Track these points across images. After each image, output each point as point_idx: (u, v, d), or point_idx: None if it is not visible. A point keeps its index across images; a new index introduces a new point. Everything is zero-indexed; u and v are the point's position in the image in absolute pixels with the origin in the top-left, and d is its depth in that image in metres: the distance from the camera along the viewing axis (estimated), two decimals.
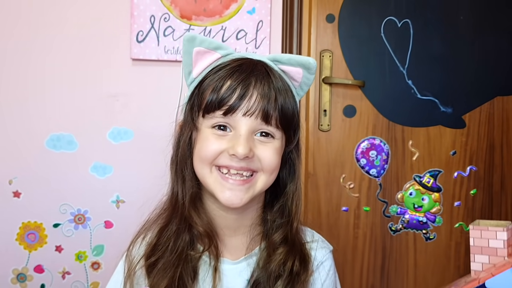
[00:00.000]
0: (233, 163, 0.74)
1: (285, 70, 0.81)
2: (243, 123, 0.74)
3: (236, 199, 0.75)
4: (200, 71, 0.80)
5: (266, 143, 0.76)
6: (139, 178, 1.60)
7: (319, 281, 0.85)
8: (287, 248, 0.81)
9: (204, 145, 0.76)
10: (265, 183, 0.78)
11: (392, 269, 1.67)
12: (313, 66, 0.80)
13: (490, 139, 1.67)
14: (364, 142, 1.65)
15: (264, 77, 0.75)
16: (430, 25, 1.65)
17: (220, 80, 0.75)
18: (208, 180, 0.77)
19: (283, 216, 0.83)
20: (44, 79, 1.56)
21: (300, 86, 0.83)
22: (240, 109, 0.73)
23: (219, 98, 0.73)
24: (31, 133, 1.56)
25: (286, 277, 0.79)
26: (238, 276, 0.82)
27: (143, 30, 1.55)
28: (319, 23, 1.63)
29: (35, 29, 1.56)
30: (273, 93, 0.74)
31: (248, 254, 0.83)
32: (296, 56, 0.80)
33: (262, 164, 0.76)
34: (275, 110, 0.74)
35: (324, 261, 0.87)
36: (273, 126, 0.75)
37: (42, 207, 1.57)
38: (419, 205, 1.65)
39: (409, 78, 1.64)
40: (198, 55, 0.79)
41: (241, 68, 0.76)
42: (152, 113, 1.59)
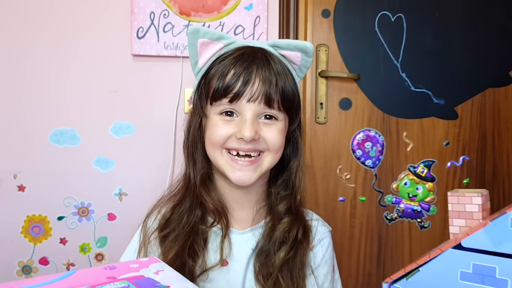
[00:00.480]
0: (241, 146, 0.80)
1: (284, 55, 0.86)
2: (248, 108, 0.79)
3: (245, 178, 0.82)
4: (205, 60, 0.85)
5: (270, 125, 0.82)
6: (141, 171, 1.64)
7: (319, 255, 0.91)
8: (291, 218, 0.87)
9: (214, 131, 0.82)
10: (271, 162, 0.84)
11: (388, 257, 1.71)
12: (310, 50, 0.85)
13: (482, 129, 1.72)
14: (360, 134, 1.69)
15: (265, 64, 0.81)
16: (423, 19, 1.69)
17: (224, 70, 0.81)
18: (219, 162, 0.83)
19: (287, 189, 0.89)
20: (48, 75, 1.60)
21: (299, 68, 0.88)
22: (244, 96, 0.79)
23: (224, 86, 0.79)
24: (35, 128, 1.60)
25: (290, 244, 0.85)
26: (245, 244, 0.88)
27: (143, 27, 1.59)
28: (315, 18, 1.67)
29: (38, 27, 1.59)
30: (274, 77, 0.80)
31: (254, 225, 0.89)
32: (294, 41, 0.85)
33: (268, 144, 0.82)
34: (276, 94, 0.80)
35: (324, 238, 0.93)
36: (275, 109, 0.81)
37: (47, 200, 1.61)
38: (414, 195, 1.70)
39: (403, 71, 1.69)
40: (202, 46, 0.84)
41: (243, 57, 0.81)
42: (153, 107, 1.63)
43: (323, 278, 0.90)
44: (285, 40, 0.86)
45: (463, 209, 0.47)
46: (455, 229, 0.48)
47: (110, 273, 0.49)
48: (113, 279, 0.47)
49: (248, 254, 0.87)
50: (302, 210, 0.91)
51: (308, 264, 0.88)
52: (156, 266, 0.52)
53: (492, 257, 0.43)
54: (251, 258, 0.87)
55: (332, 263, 0.94)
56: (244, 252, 0.88)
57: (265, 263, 0.85)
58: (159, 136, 1.64)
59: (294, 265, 0.85)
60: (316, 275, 0.89)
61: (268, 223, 0.89)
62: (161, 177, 1.60)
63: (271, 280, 0.83)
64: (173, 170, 1.60)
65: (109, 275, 0.48)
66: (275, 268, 0.83)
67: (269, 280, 0.83)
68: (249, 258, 0.87)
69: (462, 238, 0.44)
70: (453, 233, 0.48)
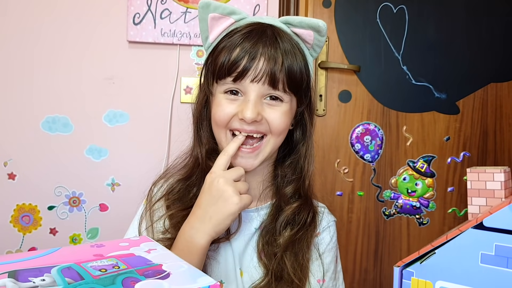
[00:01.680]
0: (243, 127, 0.78)
1: (297, 33, 0.82)
2: (251, 89, 0.77)
3: (247, 165, 0.79)
4: (216, 36, 0.83)
5: (274, 107, 0.79)
6: (135, 161, 1.60)
7: (324, 243, 0.88)
8: (300, 202, 0.84)
9: (218, 110, 0.79)
10: (273, 146, 0.81)
11: (386, 254, 1.68)
12: (323, 29, 0.81)
13: (483, 125, 1.69)
14: (359, 127, 1.66)
15: (272, 42, 0.77)
16: (425, 11, 1.66)
17: (231, 47, 0.78)
18: (223, 143, 0.81)
19: (295, 172, 0.86)
20: (40, 61, 1.56)
21: (312, 47, 0.85)
22: (248, 76, 0.76)
23: (229, 64, 0.77)
24: (27, 115, 1.56)
25: (297, 225, 0.82)
26: (248, 222, 0.85)
27: (140, 13, 1.55)
28: (316, 8, 1.64)
29: (31, 11, 1.55)
30: (280, 56, 0.77)
31: (260, 206, 0.87)
32: (307, 19, 0.82)
33: (271, 126, 0.79)
34: (281, 73, 0.77)
35: (329, 226, 0.90)
36: (280, 90, 0.78)
37: (37, 189, 1.57)
38: (413, 190, 1.67)
39: (404, 64, 1.65)
40: (213, 20, 0.82)
41: (250, 34, 0.78)
42: (148, 96, 1.59)
43: (326, 266, 0.87)
44: (297, 17, 0.82)
45: (483, 186, 0.43)
46: (475, 209, 0.44)
47: (97, 250, 0.45)
48: (100, 257, 0.43)
49: (250, 232, 0.85)
50: (311, 195, 0.89)
51: (315, 247, 0.86)
52: (147, 245, 0.48)
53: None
54: (253, 236, 0.85)
55: (336, 254, 0.91)
56: (247, 230, 0.85)
57: (269, 241, 0.82)
58: (154, 125, 1.60)
59: (299, 246, 0.82)
60: (322, 262, 0.86)
61: (274, 204, 0.86)
62: (155, 167, 1.55)
63: (275, 260, 0.80)
64: (167, 160, 1.56)
65: (96, 252, 0.45)
66: (280, 248, 0.81)
67: (272, 260, 0.80)
68: (251, 236, 0.85)
69: (484, 217, 0.40)
70: (472, 213, 0.44)
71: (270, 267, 0.81)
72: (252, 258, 0.84)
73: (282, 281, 0.80)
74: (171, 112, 1.58)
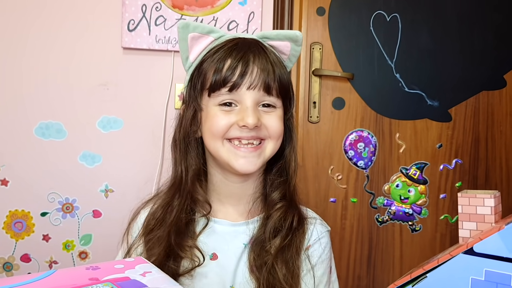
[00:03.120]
0: (244, 134, 0.80)
1: (273, 45, 0.86)
2: (248, 96, 0.79)
3: (250, 165, 0.81)
4: (196, 55, 0.85)
5: (270, 113, 0.83)
6: (128, 168, 1.59)
7: (315, 255, 0.88)
8: (286, 204, 0.87)
9: (215, 122, 0.81)
10: (273, 149, 0.85)
11: (379, 260, 1.69)
12: (300, 39, 0.86)
13: (475, 132, 1.70)
14: (352, 134, 1.66)
15: (261, 53, 0.81)
16: (418, 20, 1.67)
17: (221, 61, 0.80)
18: (221, 153, 0.82)
19: (282, 176, 0.89)
20: (34, 67, 1.55)
21: (288, 58, 0.89)
22: (243, 84, 0.79)
23: (223, 77, 0.79)
24: (20, 120, 1.55)
25: (285, 231, 0.84)
26: (235, 238, 0.87)
27: (135, 19, 1.55)
28: (310, 15, 1.65)
29: (25, 17, 1.54)
30: (271, 66, 0.81)
31: (249, 219, 0.88)
32: (283, 31, 0.86)
33: (269, 131, 0.82)
34: (274, 82, 0.80)
35: (322, 237, 0.91)
36: (274, 96, 0.82)
37: (30, 195, 1.56)
38: (406, 197, 1.68)
39: (397, 72, 1.66)
40: (193, 40, 0.84)
41: (238, 46, 0.81)
42: (142, 102, 1.59)
43: (319, 279, 0.88)
44: (274, 31, 0.87)
45: (474, 211, 0.44)
46: (465, 233, 0.45)
47: (92, 273, 0.46)
48: (96, 281, 0.44)
49: (240, 248, 0.86)
50: (296, 197, 0.91)
51: (306, 259, 0.87)
52: (142, 267, 0.48)
53: (508, 264, 0.40)
54: (243, 252, 0.86)
55: (329, 264, 0.91)
56: (236, 246, 0.86)
57: (260, 253, 0.83)
58: (148, 131, 1.60)
59: (289, 253, 0.84)
60: (310, 276, 0.86)
61: (263, 217, 0.88)
62: (149, 174, 1.56)
63: (266, 269, 0.81)
64: (161, 167, 1.57)
65: (91, 276, 0.45)
66: (270, 257, 0.82)
67: (263, 270, 0.81)
68: (242, 252, 0.86)
69: (474, 243, 0.41)
70: (462, 237, 0.45)
71: (261, 278, 0.81)
72: (244, 273, 0.84)
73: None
74: (165, 118, 1.58)
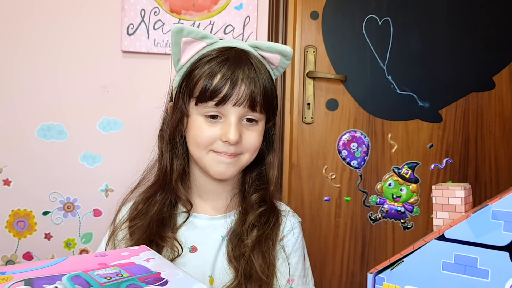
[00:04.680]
0: (225, 149, 0.85)
1: (264, 56, 0.91)
2: (233, 111, 0.84)
3: (227, 173, 0.87)
4: (188, 58, 0.89)
5: (251, 129, 0.87)
6: (128, 168, 1.62)
7: (290, 245, 0.95)
8: (266, 207, 0.92)
9: (200, 133, 0.85)
10: (248, 160, 0.90)
11: (372, 257, 1.74)
12: (290, 54, 0.91)
13: (465, 133, 1.75)
14: (346, 135, 1.71)
15: (249, 67, 0.85)
16: (409, 24, 1.72)
17: (211, 75, 0.84)
18: (204, 161, 0.87)
19: (262, 182, 0.95)
20: (36, 69, 1.59)
21: (277, 68, 0.93)
22: (230, 101, 0.83)
23: (211, 90, 0.83)
24: (22, 122, 1.58)
25: (261, 227, 0.90)
26: (214, 231, 0.92)
27: (134, 24, 1.59)
28: (304, 19, 1.69)
29: (27, 20, 1.58)
30: (258, 83, 0.85)
31: (227, 213, 0.94)
32: (275, 45, 0.90)
33: (247, 146, 0.87)
34: (259, 95, 0.84)
35: (294, 228, 0.97)
36: (257, 112, 0.86)
37: (32, 195, 1.60)
38: (398, 196, 1.72)
39: (389, 74, 1.71)
40: (186, 44, 0.88)
41: (228, 61, 0.85)
42: (141, 104, 1.63)
43: (294, 266, 0.94)
44: (266, 43, 0.90)
45: (446, 202, 0.49)
46: (439, 222, 0.49)
47: (101, 259, 0.50)
48: (105, 265, 0.48)
49: (218, 241, 0.91)
50: (274, 201, 0.96)
51: (281, 249, 0.92)
52: (146, 254, 0.53)
53: (474, 248, 0.45)
54: (222, 244, 0.91)
55: (302, 252, 0.97)
56: (214, 238, 0.91)
57: (237, 244, 0.89)
58: (147, 133, 1.62)
59: (265, 245, 0.89)
60: (288, 263, 0.93)
61: (240, 212, 0.93)
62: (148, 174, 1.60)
63: (243, 260, 0.86)
64: None
65: (100, 261, 0.49)
66: (247, 248, 0.87)
67: (241, 260, 0.86)
68: (220, 243, 0.91)
69: (445, 230, 0.46)
70: (436, 225, 0.50)
71: (239, 268, 0.87)
72: (223, 263, 0.89)
73: (251, 279, 0.86)
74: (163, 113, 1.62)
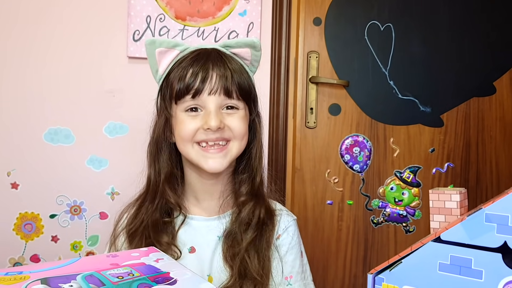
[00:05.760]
0: (209, 136, 0.88)
1: (235, 53, 0.94)
2: (210, 101, 0.88)
3: (217, 165, 0.89)
4: (165, 67, 0.93)
5: (232, 114, 0.90)
6: (133, 171, 1.64)
7: (286, 243, 0.97)
8: (250, 198, 0.95)
9: (183, 127, 0.89)
10: (239, 148, 0.92)
11: (374, 260, 1.75)
12: (257, 44, 0.94)
13: (466, 137, 1.77)
14: (348, 139, 1.73)
15: (219, 60, 0.89)
16: (411, 29, 1.75)
17: (183, 70, 0.89)
18: (191, 155, 0.90)
19: (247, 172, 0.97)
20: (43, 75, 1.62)
21: (251, 63, 0.97)
22: (204, 90, 0.87)
23: (186, 84, 0.87)
24: (30, 126, 1.61)
25: (255, 225, 0.92)
26: (211, 231, 0.95)
27: (139, 30, 1.62)
28: (307, 25, 1.72)
29: (35, 27, 1.61)
30: (229, 72, 0.89)
31: (221, 214, 0.97)
32: (242, 39, 0.94)
33: (233, 131, 0.90)
34: (233, 86, 0.88)
35: (289, 226, 0.99)
36: (235, 99, 0.90)
37: (39, 198, 1.62)
38: (400, 199, 1.74)
39: (391, 79, 1.74)
40: (160, 54, 0.93)
41: (198, 56, 0.90)
42: (146, 108, 1.63)
43: (291, 263, 0.96)
44: (234, 39, 0.95)
45: (443, 205, 0.51)
46: (435, 224, 0.51)
47: (113, 260, 0.52)
48: (116, 265, 0.50)
49: (214, 241, 0.94)
50: (263, 192, 0.99)
51: (277, 249, 0.95)
52: (155, 255, 0.55)
53: (468, 250, 0.47)
54: (218, 244, 0.94)
55: (299, 249, 1.00)
56: (211, 239, 0.94)
57: (232, 244, 0.91)
58: None
59: (260, 245, 0.91)
60: (284, 262, 0.95)
61: (234, 212, 0.96)
62: None
63: (238, 259, 0.89)
64: None
65: (112, 262, 0.52)
66: (242, 248, 0.90)
67: (236, 259, 0.89)
68: (216, 245, 0.94)
69: (441, 232, 0.48)
70: (433, 228, 0.52)
71: (234, 267, 0.89)
72: (219, 262, 0.92)
73: (246, 278, 0.88)
74: None
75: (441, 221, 0.51)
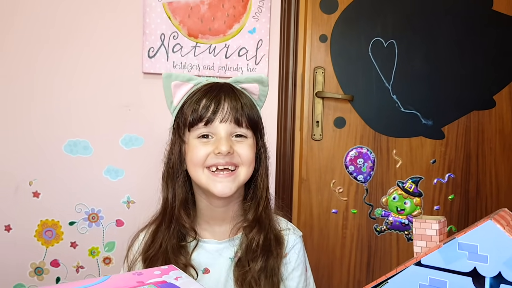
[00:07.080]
0: (219, 160, 0.94)
1: (245, 88, 1.02)
2: (221, 128, 0.94)
3: (226, 189, 0.94)
4: (179, 99, 1.00)
5: (241, 142, 0.97)
6: (148, 181, 1.72)
7: (292, 261, 1.03)
8: (257, 226, 1.00)
9: (195, 152, 0.95)
10: (246, 174, 0.98)
11: (377, 267, 1.82)
12: (265, 80, 1.01)
13: (466, 149, 1.83)
14: (353, 151, 1.81)
15: (231, 93, 0.97)
16: (413, 46, 1.81)
17: (197, 101, 0.96)
18: (201, 180, 0.95)
19: (253, 200, 1.02)
20: (64, 89, 1.69)
21: (258, 97, 1.04)
22: (217, 118, 0.94)
23: (199, 113, 0.94)
24: (50, 138, 1.69)
25: (262, 254, 0.97)
26: (223, 253, 1.01)
27: (154, 47, 1.70)
28: (313, 42, 1.79)
29: (58, 43, 1.68)
30: (240, 103, 0.96)
31: (231, 237, 1.02)
32: (251, 75, 1.03)
33: (242, 158, 0.96)
34: (243, 116, 0.96)
35: (295, 245, 1.05)
36: (244, 127, 0.96)
37: (59, 206, 1.70)
38: (402, 209, 1.81)
39: (394, 93, 1.80)
40: (175, 87, 1.00)
41: (211, 88, 0.97)
42: (160, 122, 1.72)
43: (297, 279, 1.02)
44: (244, 75, 1.03)
45: (424, 232, 0.58)
46: (418, 249, 0.59)
47: (138, 278, 0.60)
48: (142, 283, 0.58)
49: (227, 263, 1.00)
50: (268, 219, 1.03)
51: (284, 267, 1.00)
52: (175, 273, 0.63)
53: (444, 273, 0.54)
54: (231, 266, 0.99)
55: (304, 264, 1.06)
56: (223, 261, 1.00)
57: (242, 271, 0.96)
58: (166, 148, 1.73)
59: (269, 272, 0.96)
60: (290, 278, 1.01)
61: (243, 235, 1.01)
62: None
63: (249, 284, 0.95)
64: None
65: (138, 279, 0.60)
66: (252, 275, 0.95)
67: (246, 285, 0.95)
68: (229, 267, 0.99)
69: (422, 257, 0.56)
70: (416, 252, 0.59)
71: None
72: (232, 284, 0.98)
73: None
74: None
75: (422, 246, 0.59)
